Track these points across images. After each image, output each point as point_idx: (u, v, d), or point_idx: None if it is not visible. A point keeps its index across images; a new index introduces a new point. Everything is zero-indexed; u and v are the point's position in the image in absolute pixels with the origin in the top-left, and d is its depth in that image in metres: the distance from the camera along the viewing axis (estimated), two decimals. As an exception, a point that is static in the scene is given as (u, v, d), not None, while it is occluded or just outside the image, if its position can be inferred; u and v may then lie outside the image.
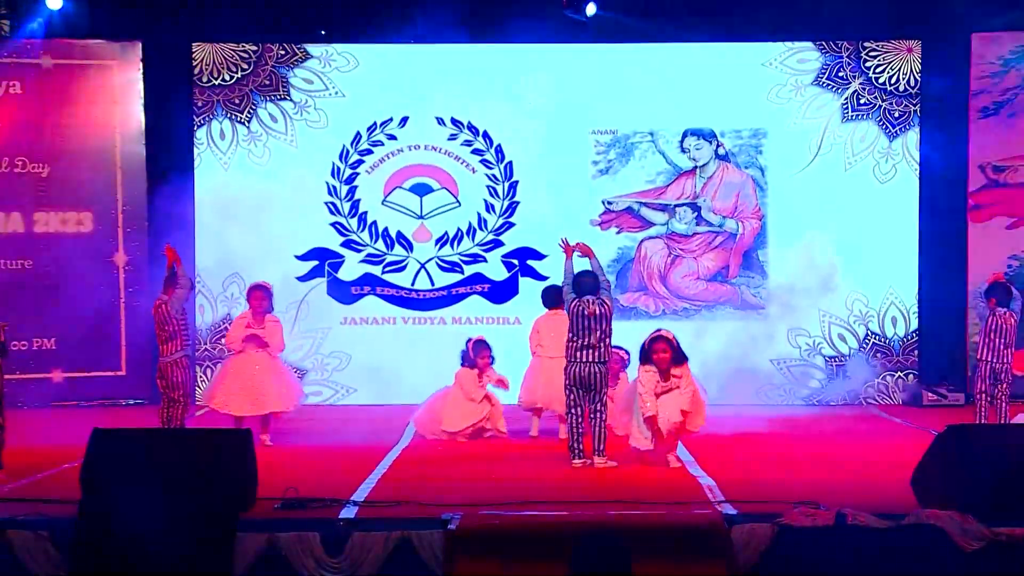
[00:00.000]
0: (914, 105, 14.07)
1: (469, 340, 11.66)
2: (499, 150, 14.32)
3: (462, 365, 11.45)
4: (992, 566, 6.97)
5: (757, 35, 14.01)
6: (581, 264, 10.16)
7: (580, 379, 9.90)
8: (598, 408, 9.86)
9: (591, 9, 13.52)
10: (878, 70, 14.08)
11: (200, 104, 14.10)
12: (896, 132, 14.08)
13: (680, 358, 9.82)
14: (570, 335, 9.98)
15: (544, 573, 6.75)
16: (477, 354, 11.43)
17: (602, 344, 9.87)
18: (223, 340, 12.10)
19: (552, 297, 11.17)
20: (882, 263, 14.08)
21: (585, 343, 9.87)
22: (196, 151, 14.10)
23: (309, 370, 13.97)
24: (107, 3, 13.44)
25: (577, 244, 10.24)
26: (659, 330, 9.97)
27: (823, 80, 14.13)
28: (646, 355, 9.82)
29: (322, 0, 13.79)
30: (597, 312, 9.86)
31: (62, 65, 13.86)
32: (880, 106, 14.08)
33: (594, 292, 9.95)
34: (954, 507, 7.31)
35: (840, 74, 14.11)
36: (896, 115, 14.08)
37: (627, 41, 14.08)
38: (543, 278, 13.72)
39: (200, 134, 14.08)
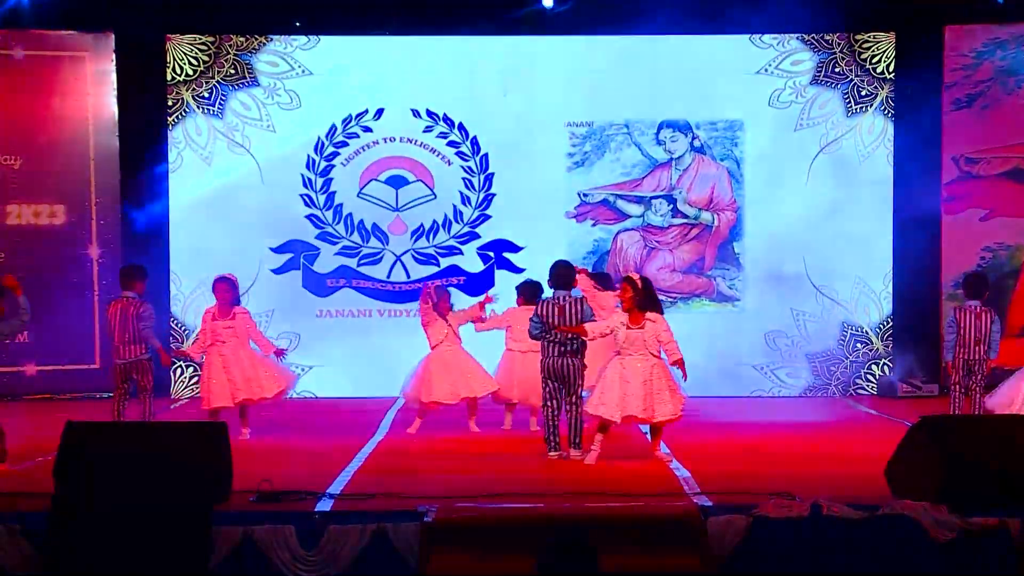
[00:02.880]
0: (889, 97, 14.13)
1: (429, 284, 11.80)
2: (475, 142, 14.32)
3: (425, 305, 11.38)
4: (965, 557, 7.00)
5: (730, 28, 14.02)
6: (560, 253, 10.18)
7: (554, 372, 9.88)
8: (573, 401, 9.86)
9: (547, 1, 13.52)
10: (849, 62, 14.14)
11: (171, 101, 14.07)
12: (871, 123, 14.15)
13: (645, 304, 9.59)
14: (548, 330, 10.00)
15: (521, 565, 6.75)
16: (440, 298, 11.36)
17: (575, 337, 9.86)
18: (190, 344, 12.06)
19: (528, 293, 11.12)
20: (857, 255, 14.15)
21: (554, 337, 9.86)
22: (175, 148, 14.06)
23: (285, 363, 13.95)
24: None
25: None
26: (630, 273, 10.00)
27: (799, 73, 14.19)
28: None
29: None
30: (566, 308, 9.86)
31: (34, 56, 13.83)
32: (852, 96, 14.14)
33: (567, 287, 9.95)
34: (928, 498, 7.34)
35: (812, 65, 14.17)
36: (870, 107, 14.14)
37: (602, 33, 14.09)
38: (519, 270, 13.76)
39: (177, 132, 14.05)
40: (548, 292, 10.07)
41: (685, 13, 13.74)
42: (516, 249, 14.23)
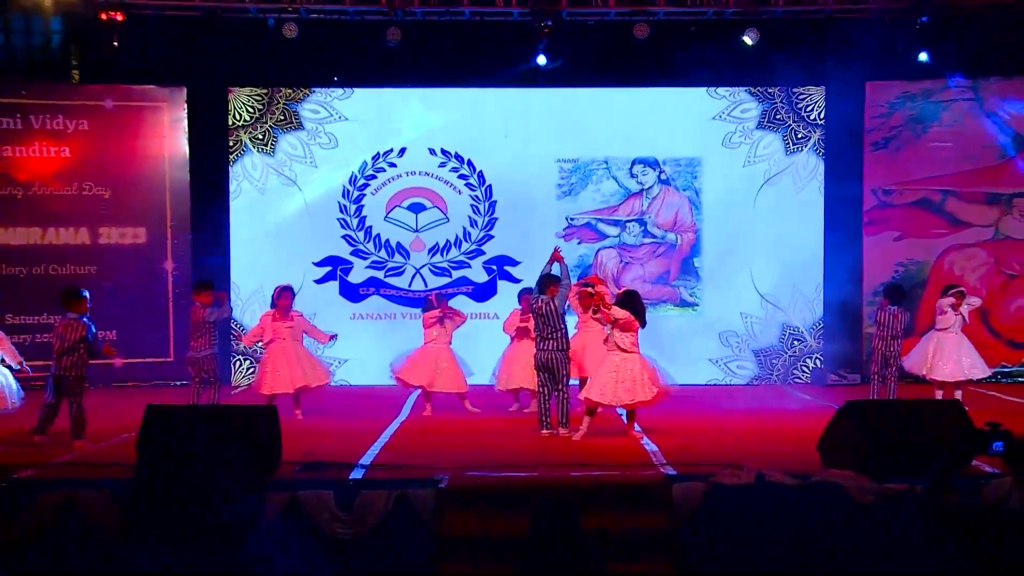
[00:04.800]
0: (820, 140, 14.14)
1: (432, 294, 11.90)
2: (480, 175, 14.32)
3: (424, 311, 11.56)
4: (882, 516, 7.02)
5: (691, 82, 14.00)
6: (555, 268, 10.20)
7: (544, 364, 9.91)
8: (560, 388, 9.86)
9: (541, 59, 13.52)
10: (787, 110, 14.15)
11: (232, 142, 14.08)
12: (806, 161, 14.15)
13: (598, 308, 9.66)
14: (535, 329, 10.04)
15: (518, 523, 6.77)
16: (441, 306, 11.47)
17: (557, 333, 9.87)
18: (245, 335, 12.10)
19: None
20: (794, 268, 14.11)
21: (545, 335, 9.90)
22: (235, 181, 14.06)
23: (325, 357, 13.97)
24: (158, 55, 13.37)
25: (555, 252, 10.26)
26: (593, 283, 10.09)
27: (747, 119, 14.18)
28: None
29: (336, 52, 13.76)
30: (545, 310, 9.88)
31: (121, 106, 13.81)
32: (790, 139, 14.15)
33: (545, 292, 9.95)
34: (851, 468, 7.37)
35: (757, 112, 14.18)
36: (805, 147, 14.15)
37: (585, 86, 14.10)
38: (517, 280, 13.77)
39: (236, 168, 14.06)
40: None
41: (653, 69, 13.81)
42: (515, 263, 14.22)
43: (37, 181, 13.59)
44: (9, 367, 10.34)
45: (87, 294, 9.77)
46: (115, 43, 12.81)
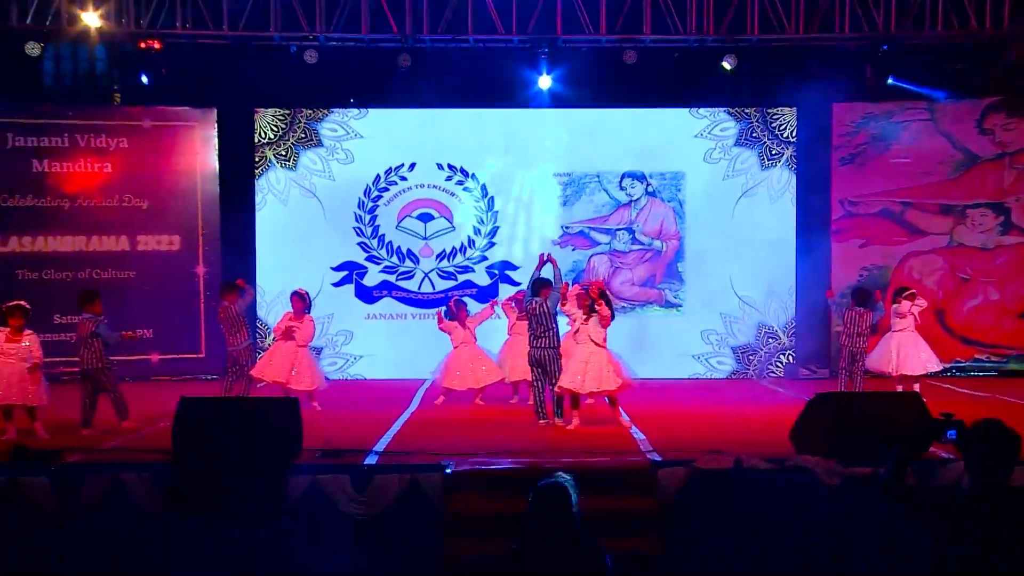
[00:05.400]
0: (792, 156, 14.16)
1: (451, 299, 11.79)
2: (484, 188, 14.33)
3: (446, 319, 11.42)
4: (847, 498, 7.04)
5: (675, 103, 14.05)
6: (547, 272, 10.20)
7: (537, 361, 9.93)
8: (553, 382, 9.87)
9: (550, 82, 13.55)
10: (762, 129, 14.17)
11: (258, 158, 14.10)
12: (779, 175, 14.17)
13: (593, 307, 9.65)
14: (528, 328, 10.05)
15: (517, 504, 6.78)
16: (459, 310, 11.43)
17: (549, 332, 9.88)
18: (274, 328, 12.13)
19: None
20: (769, 272, 14.13)
21: (538, 333, 9.91)
22: (260, 193, 14.08)
23: (342, 354, 14.01)
24: (191, 80, 13.41)
25: (548, 256, 10.27)
26: (589, 283, 10.08)
27: (726, 137, 14.20)
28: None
29: (352, 76, 13.78)
30: (538, 311, 9.90)
31: (158, 125, 13.81)
32: (765, 155, 14.17)
33: (538, 294, 9.97)
34: (820, 453, 7.38)
35: (735, 131, 14.20)
36: (779, 162, 14.17)
37: (580, 107, 14.10)
38: (517, 284, 13.75)
39: (262, 181, 14.08)
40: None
41: (641, 92, 13.81)
42: (515, 268, 14.23)
43: (82, 194, 13.60)
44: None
45: (99, 295, 9.89)
46: (152, 69, 12.85)
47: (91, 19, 12.55)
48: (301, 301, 11.06)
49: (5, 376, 9.06)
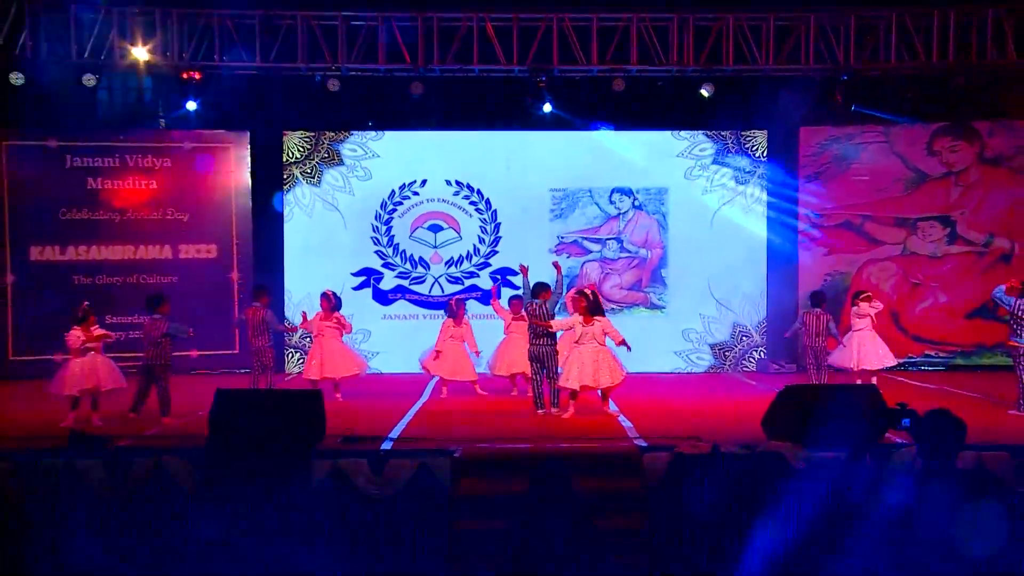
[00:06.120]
0: (763, 174, 14.15)
1: (452, 299, 11.77)
2: (488, 202, 14.32)
3: (447, 317, 11.46)
4: (811, 479, 7.01)
5: (660, 127, 14.07)
6: (546, 276, 10.16)
7: (536, 356, 9.91)
8: (551, 377, 9.86)
9: (547, 107, 13.57)
10: (737, 149, 14.17)
11: (286, 175, 14.10)
12: (752, 191, 14.16)
13: (596, 310, 9.68)
14: (528, 327, 10.03)
15: (520, 485, 6.77)
16: (459, 308, 11.44)
17: (547, 331, 9.86)
18: (300, 326, 12.11)
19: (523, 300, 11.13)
20: (743, 277, 14.12)
21: (537, 332, 9.90)
22: (288, 207, 14.07)
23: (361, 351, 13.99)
24: (227, 106, 13.42)
25: (554, 263, 10.28)
26: (583, 287, 10.04)
27: (704, 156, 14.19)
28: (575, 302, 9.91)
29: (370, 102, 13.78)
30: (539, 312, 9.88)
31: (197, 147, 13.83)
32: (739, 173, 14.16)
33: (537, 296, 9.96)
34: (789, 440, 7.37)
35: (713, 151, 14.19)
36: (751, 179, 14.16)
37: (575, 130, 14.07)
38: (517, 288, 13.66)
39: (289, 196, 14.07)
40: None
41: (628, 116, 13.81)
42: (516, 273, 14.14)
43: (130, 208, 13.62)
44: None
45: (168, 298, 10.02)
46: (192, 97, 12.88)
47: (140, 53, 12.61)
48: (328, 301, 11.07)
49: (94, 365, 9.34)
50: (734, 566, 6.70)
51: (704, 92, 13.22)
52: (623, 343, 9.54)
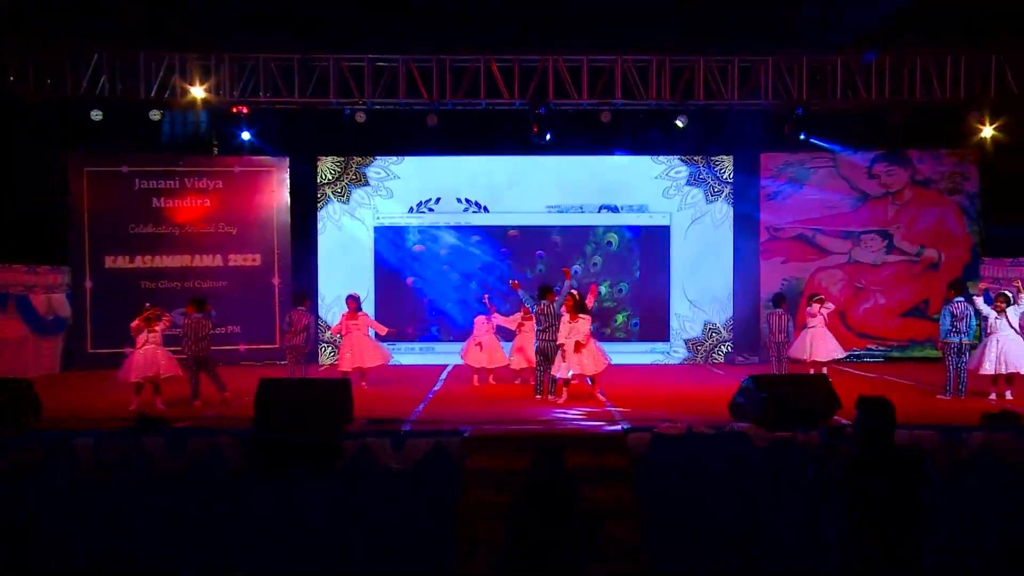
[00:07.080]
0: (730, 193, 14.12)
1: (485, 295, 11.66)
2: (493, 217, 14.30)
3: (480, 315, 11.38)
4: (773, 456, 7.00)
5: (640, 152, 14.02)
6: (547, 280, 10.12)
7: (542, 350, 9.88)
8: (550, 368, 9.83)
9: (547, 136, 13.54)
10: (707, 172, 14.15)
11: (319, 194, 14.08)
12: (720, 207, 14.13)
13: (580, 308, 9.59)
14: (536, 324, 10.00)
15: (521, 461, 6.75)
16: (491, 305, 11.35)
17: (552, 329, 9.83)
18: (332, 327, 12.05)
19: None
20: (713, 282, 14.07)
21: (544, 328, 9.86)
22: (321, 221, 14.05)
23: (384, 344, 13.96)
24: (270, 135, 13.43)
25: (564, 270, 10.16)
26: (572, 289, 9.99)
27: (679, 178, 14.16)
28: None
29: (392, 131, 13.74)
30: (546, 311, 9.85)
31: (245, 170, 13.81)
32: (710, 192, 14.14)
33: (544, 297, 9.93)
34: (752, 422, 7.35)
35: (687, 173, 14.17)
36: (720, 198, 14.14)
37: (568, 155, 14.04)
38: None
39: (322, 212, 14.05)
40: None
41: (614, 143, 13.79)
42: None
43: (188, 223, 13.62)
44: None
45: (206, 299, 10.20)
46: (245, 128, 12.96)
47: (197, 91, 12.69)
48: (355, 302, 11.04)
49: (155, 356, 9.43)
50: (707, 523, 6.68)
51: (679, 123, 13.20)
52: (578, 347, 9.46)
